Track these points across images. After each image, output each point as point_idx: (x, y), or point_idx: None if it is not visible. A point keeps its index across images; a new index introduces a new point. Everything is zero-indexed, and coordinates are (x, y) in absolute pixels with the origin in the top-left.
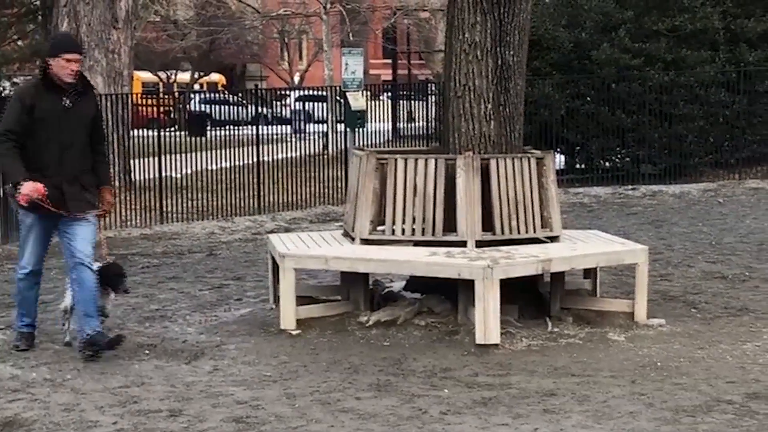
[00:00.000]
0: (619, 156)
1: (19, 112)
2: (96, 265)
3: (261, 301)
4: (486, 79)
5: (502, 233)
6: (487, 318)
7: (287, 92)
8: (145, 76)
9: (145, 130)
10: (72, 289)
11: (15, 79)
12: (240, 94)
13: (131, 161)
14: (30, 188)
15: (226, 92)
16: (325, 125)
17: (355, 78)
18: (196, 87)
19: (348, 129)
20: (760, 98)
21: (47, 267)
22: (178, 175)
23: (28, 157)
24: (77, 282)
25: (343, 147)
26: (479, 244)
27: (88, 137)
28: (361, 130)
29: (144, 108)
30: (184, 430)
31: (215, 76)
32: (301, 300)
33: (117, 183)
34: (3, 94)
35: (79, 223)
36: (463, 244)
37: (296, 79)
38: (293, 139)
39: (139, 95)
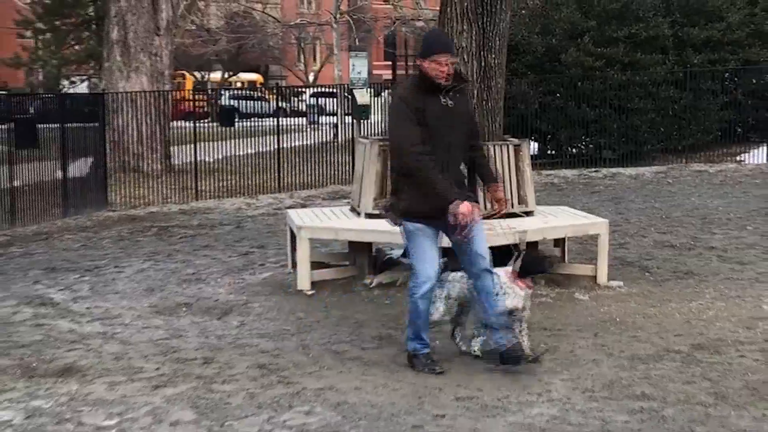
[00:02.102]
0: (584, 143)
1: (412, 119)
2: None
3: (281, 266)
4: (471, 78)
5: (485, 208)
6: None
7: (303, 89)
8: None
9: (182, 122)
10: (478, 299)
11: (73, 78)
12: (263, 91)
13: (171, 148)
14: (468, 209)
15: (262, 90)
16: (335, 117)
17: (360, 77)
18: (239, 84)
19: (354, 120)
20: (703, 95)
21: (101, 237)
22: (211, 160)
23: None
24: (483, 291)
25: (350, 136)
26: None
27: (466, 136)
28: (365, 121)
29: (182, 103)
30: (215, 375)
31: (253, 76)
32: (315, 265)
33: (159, 167)
34: (63, 91)
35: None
36: None
37: (311, 78)
38: (308, 129)
39: (187, 92)
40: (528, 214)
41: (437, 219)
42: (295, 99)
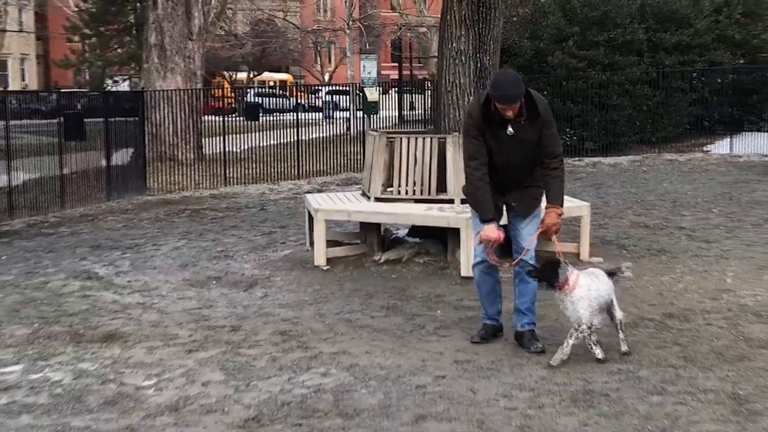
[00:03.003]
0: (568, 136)
1: (473, 134)
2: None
3: (300, 244)
4: (468, 78)
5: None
6: (469, 257)
7: (319, 88)
8: (245, 75)
9: (213, 116)
10: (514, 283)
11: (116, 78)
12: (285, 89)
13: (202, 140)
14: (488, 235)
15: (288, 88)
16: (348, 112)
17: (370, 77)
18: (271, 83)
19: (365, 115)
20: (674, 92)
21: (140, 218)
22: (238, 150)
23: None
24: (520, 277)
25: (361, 129)
26: (464, 201)
27: (530, 159)
28: (374, 116)
29: (212, 100)
30: (242, 341)
31: (284, 76)
32: (330, 243)
33: (191, 156)
34: (107, 90)
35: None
36: (451, 201)
37: (326, 77)
38: (324, 123)
39: (227, 89)
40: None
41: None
42: (313, 96)
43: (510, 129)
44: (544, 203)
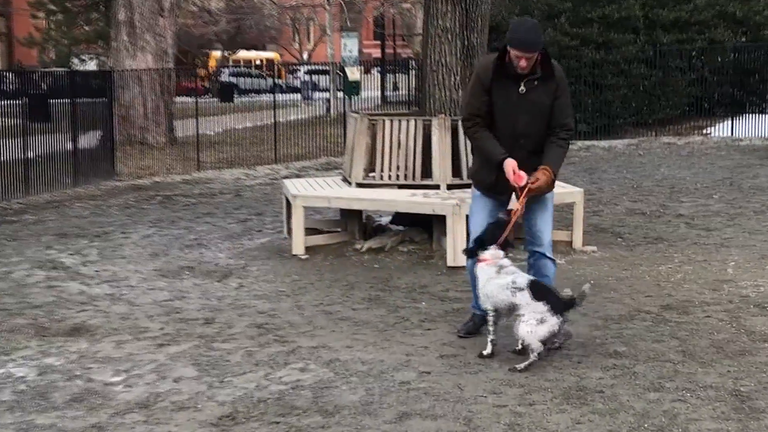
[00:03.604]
0: None
1: (477, 94)
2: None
3: (277, 232)
4: (455, 57)
5: (468, 178)
6: (455, 245)
7: (298, 67)
8: (220, 54)
9: (185, 97)
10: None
11: (83, 57)
12: (261, 68)
13: (174, 122)
14: (513, 164)
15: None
16: (327, 93)
17: (351, 56)
18: (258, 62)
19: (346, 96)
20: (672, 72)
21: (109, 205)
22: (212, 133)
23: None
24: (537, 270)
25: (342, 110)
26: (449, 187)
27: (538, 125)
28: (356, 97)
29: (184, 79)
30: (216, 335)
31: (271, 54)
32: (309, 231)
33: (163, 140)
34: (73, 69)
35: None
36: (437, 187)
37: (305, 56)
38: (303, 105)
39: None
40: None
41: (500, 194)
42: (291, 76)
43: (522, 87)
44: (556, 189)
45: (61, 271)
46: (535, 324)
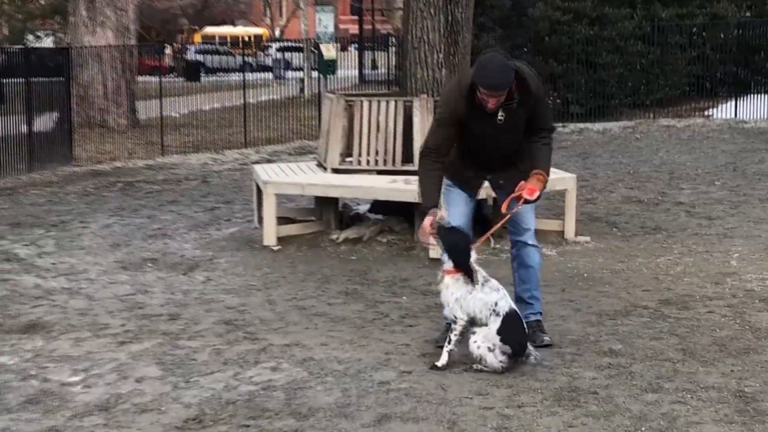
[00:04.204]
0: (551, 98)
1: (444, 126)
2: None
3: (247, 222)
4: (438, 33)
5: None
6: None
7: (269, 44)
8: (205, 30)
9: (149, 76)
10: (513, 267)
11: (38, 33)
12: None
13: (137, 103)
14: (425, 226)
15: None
16: (301, 72)
17: (327, 32)
18: (246, 39)
19: (321, 75)
20: (671, 49)
21: (66, 192)
22: (177, 115)
23: None
24: (520, 261)
25: (316, 91)
26: None
27: (518, 141)
28: (332, 76)
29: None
30: (181, 332)
31: (259, 30)
32: (281, 220)
33: (124, 122)
34: (28, 46)
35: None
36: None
37: (277, 32)
38: (274, 84)
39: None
40: None
41: (473, 188)
42: (261, 53)
43: (500, 116)
44: None
45: (15, 263)
46: (485, 348)
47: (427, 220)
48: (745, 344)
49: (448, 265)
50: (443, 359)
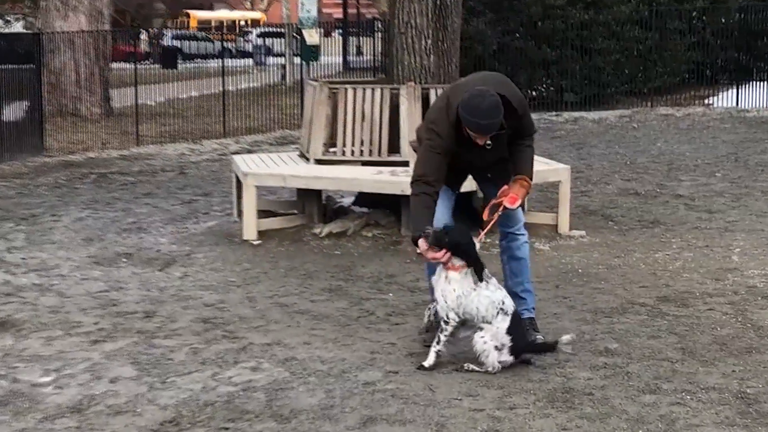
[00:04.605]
0: (544, 86)
1: (437, 154)
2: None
3: (226, 215)
4: (426, 18)
5: None
6: None
7: (250, 29)
8: (202, 14)
9: (123, 63)
10: (502, 260)
11: (7, 18)
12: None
13: (111, 91)
14: (422, 248)
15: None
16: (283, 58)
17: (309, 16)
18: (243, 23)
19: (303, 62)
20: (670, 34)
21: (37, 184)
22: (153, 103)
23: None
24: (510, 253)
25: (299, 78)
26: None
27: (505, 156)
28: (315, 62)
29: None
30: (157, 330)
31: (258, 14)
32: (262, 214)
33: (98, 110)
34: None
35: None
36: (406, 163)
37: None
38: (255, 71)
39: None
40: None
41: (452, 185)
42: (241, 39)
43: (488, 144)
44: (538, 167)
45: None
46: (491, 348)
47: (422, 244)
48: (747, 343)
49: (455, 261)
50: (430, 359)
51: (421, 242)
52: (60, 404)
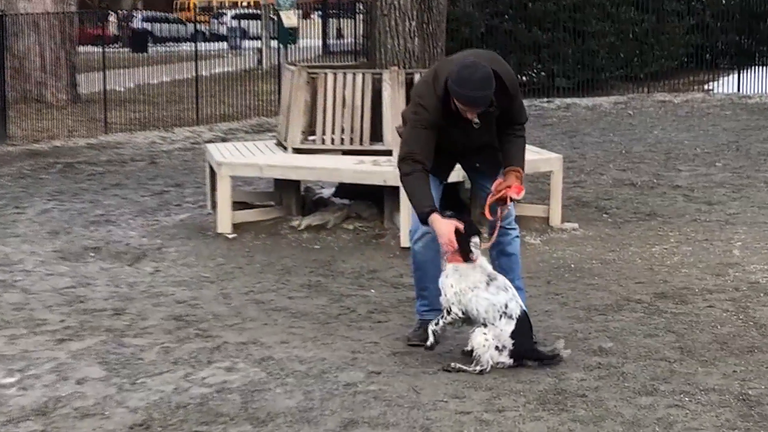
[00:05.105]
0: (535, 71)
1: (424, 131)
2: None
3: (199, 207)
4: None
5: None
6: (409, 224)
7: (224, 11)
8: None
9: (91, 47)
10: (491, 255)
11: None
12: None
13: (78, 76)
14: (445, 229)
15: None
16: (259, 42)
17: None
18: (245, 4)
19: (281, 45)
20: (668, 16)
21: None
22: (122, 89)
23: None
24: (500, 249)
25: (276, 62)
26: None
27: (493, 138)
28: (293, 46)
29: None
30: (127, 328)
31: None
32: (237, 205)
33: (64, 96)
34: None
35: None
36: (389, 152)
37: None
38: (229, 55)
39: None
40: None
41: (440, 175)
42: (215, 21)
43: (476, 122)
44: (529, 156)
45: None
46: (491, 346)
47: (446, 226)
48: (748, 342)
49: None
50: (431, 339)
51: (444, 224)
52: (24, 406)
